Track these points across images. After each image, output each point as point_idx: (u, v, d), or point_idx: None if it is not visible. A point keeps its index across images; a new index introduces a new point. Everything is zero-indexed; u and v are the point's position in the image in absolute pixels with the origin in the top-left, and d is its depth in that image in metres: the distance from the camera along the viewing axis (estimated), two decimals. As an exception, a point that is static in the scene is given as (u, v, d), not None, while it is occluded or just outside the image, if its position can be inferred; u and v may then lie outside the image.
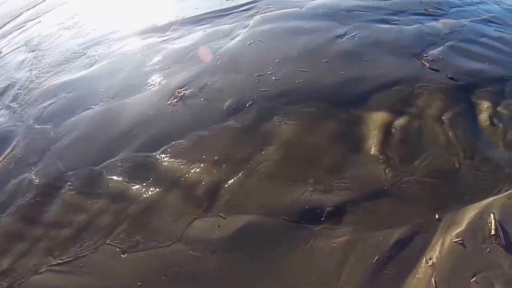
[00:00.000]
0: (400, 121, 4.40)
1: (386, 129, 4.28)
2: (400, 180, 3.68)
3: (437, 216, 3.37)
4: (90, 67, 6.17)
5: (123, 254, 3.30)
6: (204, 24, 7.01)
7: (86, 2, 9.90)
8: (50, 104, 5.43)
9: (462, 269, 2.99)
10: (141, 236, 3.41)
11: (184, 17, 7.39)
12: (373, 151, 4.02)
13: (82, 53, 6.78)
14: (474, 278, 2.93)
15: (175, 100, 4.78)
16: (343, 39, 6.08)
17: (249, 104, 4.57)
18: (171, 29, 6.99)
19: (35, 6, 11.36)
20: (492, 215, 3.42)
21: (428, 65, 5.54)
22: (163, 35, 6.81)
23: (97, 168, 4.15)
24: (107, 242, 3.42)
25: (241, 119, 4.40)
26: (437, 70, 5.47)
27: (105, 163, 4.19)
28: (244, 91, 4.80)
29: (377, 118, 4.40)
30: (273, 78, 5.01)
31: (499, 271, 3.04)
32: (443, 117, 4.56)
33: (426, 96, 4.85)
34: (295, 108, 4.50)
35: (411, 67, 5.44)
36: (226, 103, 4.64)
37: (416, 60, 5.66)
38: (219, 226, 3.40)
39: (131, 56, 6.20)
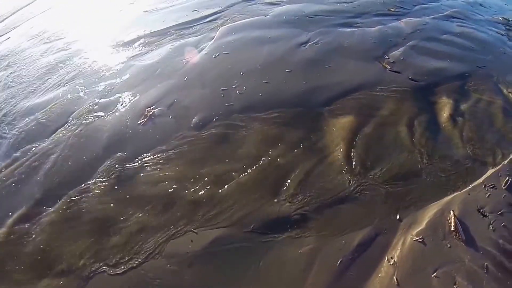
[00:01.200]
0: (361, 127, 4.65)
1: (348, 136, 4.52)
2: (362, 184, 3.93)
3: (398, 217, 3.62)
4: (61, 87, 6.12)
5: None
6: (171, 38, 7.10)
7: (53, 16, 9.77)
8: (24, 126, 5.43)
9: (423, 265, 3.24)
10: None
11: (152, 31, 7.47)
12: (335, 158, 4.25)
13: (51, 72, 6.70)
14: (435, 273, 3.18)
15: (145, 119, 4.89)
16: (306, 46, 6.32)
17: (214, 119, 4.73)
18: (138, 45, 7.04)
19: (3, 21, 11.21)
20: (451, 212, 3.70)
21: (389, 67, 5.83)
22: (131, 51, 6.85)
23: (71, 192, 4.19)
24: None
25: (207, 135, 4.55)
26: (398, 72, 5.77)
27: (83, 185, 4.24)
28: (210, 107, 4.94)
29: (338, 125, 4.64)
30: (238, 92, 5.18)
31: (460, 264, 3.32)
32: (403, 120, 4.86)
33: (386, 100, 5.14)
34: (258, 122, 4.68)
35: (372, 71, 5.72)
36: (194, 120, 4.78)
37: (378, 63, 5.95)
38: (192, 241, 3.55)
39: (99, 76, 6.18)
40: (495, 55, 7.71)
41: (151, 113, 4.96)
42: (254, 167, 4.15)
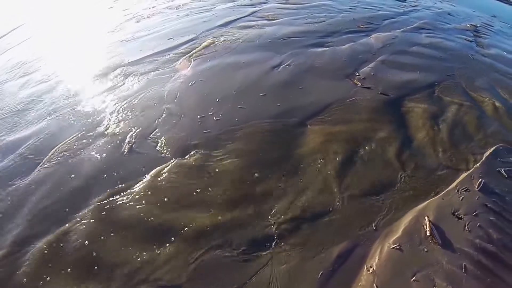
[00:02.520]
0: (334, 144, 4.94)
1: (322, 154, 4.79)
2: (339, 200, 4.19)
3: (374, 227, 3.88)
4: (41, 121, 6.07)
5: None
6: (148, 68, 7.28)
7: (32, 47, 9.71)
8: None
9: (402, 271, 3.48)
10: None
11: (129, 61, 7.63)
12: (312, 176, 4.51)
13: (31, 106, 6.57)
14: (414, 277, 3.43)
15: (126, 150, 5.06)
16: (279, 69, 6.66)
17: (193, 146, 4.96)
18: (117, 75, 7.20)
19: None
20: (426, 217, 3.98)
21: (360, 84, 6.21)
22: (110, 82, 6.98)
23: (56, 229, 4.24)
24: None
25: (186, 163, 4.77)
26: (368, 88, 6.14)
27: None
28: (189, 135, 5.16)
29: (312, 145, 4.91)
30: (215, 118, 5.41)
31: (438, 267, 3.57)
32: (376, 134, 5.20)
33: (358, 116, 5.48)
34: (235, 148, 4.90)
35: (343, 89, 6.07)
36: (173, 149, 4.99)
37: (349, 81, 6.32)
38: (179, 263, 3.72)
39: (79, 109, 6.06)
40: (464, 62, 8.22)
41: (132, 143, 5.12)
42: (233, 191, 4.33)
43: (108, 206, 4.26)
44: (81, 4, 13.11)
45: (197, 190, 4.35)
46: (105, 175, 4.69)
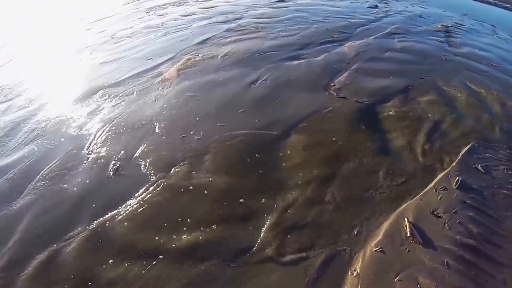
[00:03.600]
0: (313, 157, 5.14)
1: (301, 167, 4.99)
2: (321, 208, 4.38)
3: (356, 233, 4.08)
4: (25, 147, 5.97)
5: None
6: (128, 90, 7.37)
7: (13, 70, 9.49)
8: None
9: (385, 272, 3.67)
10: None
11: (109, 83, 7.71)
12: (293, 188, 4.70)
13: (14, 132, 6.33)
14: (397, 278, 3.62)
15: (112, 173, 5.14)
16: (256, 85, 6.88)
17: (176, 166, 5.06)
18: (98, 98, 7.26)
19: None
20: (406, 219, 4.20)
21: (335, 94, 6.47)
22: (91, 105, 7.02)
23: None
24: None
25: (170, 184, 4.84)
26: (344, 98, 6.40)
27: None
28: (171, 155, 5.27)
29: (291, 158, 5.13)
30: (196, 137, 5.57)
31: (421, 265, 3.77)
32: (352, 142, 5.43)
33: (335, 126, 5.72)
34: (216, 166, 5.04)
35: (320, 100, 6.32)
36: (156, 169, 5.10)
37: (325, 92, 6.59)
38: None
39: (63, 133, 6.05)
40: (436, 63, 8.62)
41: (117, 165, 5.24)
42: (215, 205, 4.50)
43: (95, 229, 4.34)
44: (59, 26, 13.20)
45: (182, 209, 4.47)
46: (91, 199, 4.76)
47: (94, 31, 12.08)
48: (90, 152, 5.59)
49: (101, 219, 4.47)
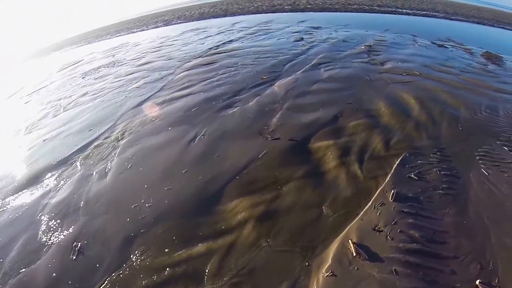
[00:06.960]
0: (253, 204, 5.55)
1: (243, 215, 5.39)
2: (268, 250, 4.81)
3: (307, 264, 4.56)
4: None
5: None
6: (75, 167, 7.52)
7: None
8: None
9: (339, 293, 4.16)
10: None
11: (56, 161, 7.86)
12: (239, 235, 5.08)
13: None
14: (351, 295, 4.12)
15: (75, 255, 5.29)
16: (195, 142, 7.34)
17: (132, 236, 5.31)
18: (46, 179, 7.32)
19: None
20: (349, 240, 4.74)
21: (269, 137, 7.02)
22: (40, 189, 7.05)
23: None
24: None
25: (127, 256, 5.03)
26: (278, 139, 6.95)
27: None
28: (126, 226, 5.52)
29: (233, 209, 5.53)
30: (147, 205, 5.84)
31: (371, 279, 4.24)
32: (289, 182, 5.88)
33: (271, 169, 6.20)
34: (169, 228, 5.33)
35: (255, 146, 6.82)
36: (115, 243, 5.24)
37: (260, 136, 7.12)
38: None
39: (12, 220, 6.24)
40: (362, 84, 9.45)
41: (78, 247, 5.34)
42: (176, 259, 4.84)
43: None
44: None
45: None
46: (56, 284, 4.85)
47: (33, 104, 12.58)
48: (48, 237, 5.69)
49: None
